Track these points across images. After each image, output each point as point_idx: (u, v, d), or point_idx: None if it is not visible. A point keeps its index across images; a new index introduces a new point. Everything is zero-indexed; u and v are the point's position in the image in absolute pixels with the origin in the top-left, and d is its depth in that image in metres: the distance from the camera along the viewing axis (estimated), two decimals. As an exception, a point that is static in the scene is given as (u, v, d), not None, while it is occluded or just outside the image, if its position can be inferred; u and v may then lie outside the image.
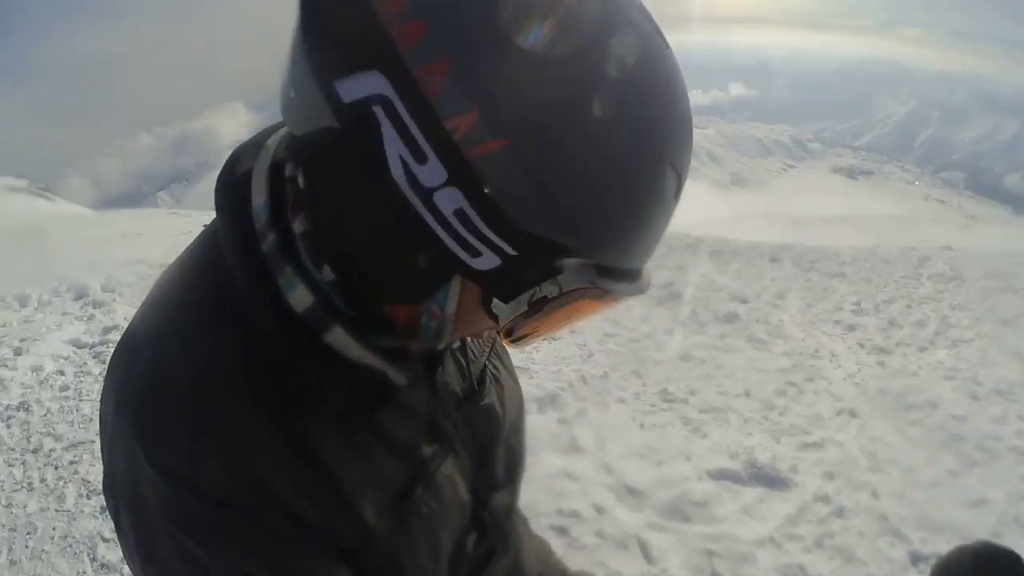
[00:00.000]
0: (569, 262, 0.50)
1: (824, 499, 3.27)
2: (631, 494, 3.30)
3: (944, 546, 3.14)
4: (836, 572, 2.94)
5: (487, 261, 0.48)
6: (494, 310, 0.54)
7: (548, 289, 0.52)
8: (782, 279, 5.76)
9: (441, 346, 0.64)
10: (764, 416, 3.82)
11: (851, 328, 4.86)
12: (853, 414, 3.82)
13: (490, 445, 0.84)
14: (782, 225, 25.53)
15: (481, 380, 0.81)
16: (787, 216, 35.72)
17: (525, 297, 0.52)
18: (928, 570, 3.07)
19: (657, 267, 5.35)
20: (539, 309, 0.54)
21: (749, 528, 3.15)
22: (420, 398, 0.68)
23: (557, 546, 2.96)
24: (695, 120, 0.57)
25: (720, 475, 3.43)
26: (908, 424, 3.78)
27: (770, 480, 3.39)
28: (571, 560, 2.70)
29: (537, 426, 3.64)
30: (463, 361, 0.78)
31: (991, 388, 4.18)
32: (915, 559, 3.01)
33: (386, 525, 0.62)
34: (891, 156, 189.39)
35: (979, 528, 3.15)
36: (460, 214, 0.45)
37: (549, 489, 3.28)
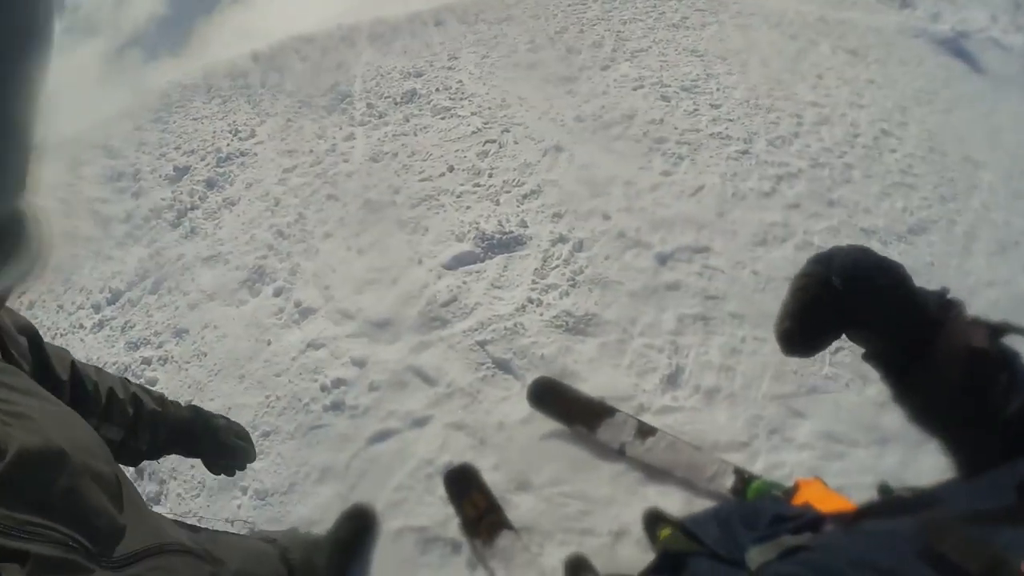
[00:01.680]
0: None
1: (561, 239, 3.32)
2: (382, 329, 3.05)
3: (681, 237, 3.50)
4: (600, 301, 3.05)
5: None
6: None
7: None
8: (450, 40, 5.58)
9: None
10: (475, 184, 3.70)
11: (532, 67, 4.94)
12: (559, 149, 3.90)
13: None
14: None
15: None
16: None
17: None
18: (675, 265, 3.46)
19: (315, 72, 4.70)
20: None
21: (505, 301, 3.09)
22: None
23: (339, 421, 2.59)
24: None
25: (456, 263, 3.29)
26: (612, 141, 4.00)
27: (505, 244, 3.32)
28: (360, 429, 2.53)
29: (258, 312, 3.24)
30: None
31: (678, 87, 4.67)
32: (662, 259, 3.27)
33: None
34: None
35: (704, 212, 3.53)
36: None
37: (304, 371, 2.94)
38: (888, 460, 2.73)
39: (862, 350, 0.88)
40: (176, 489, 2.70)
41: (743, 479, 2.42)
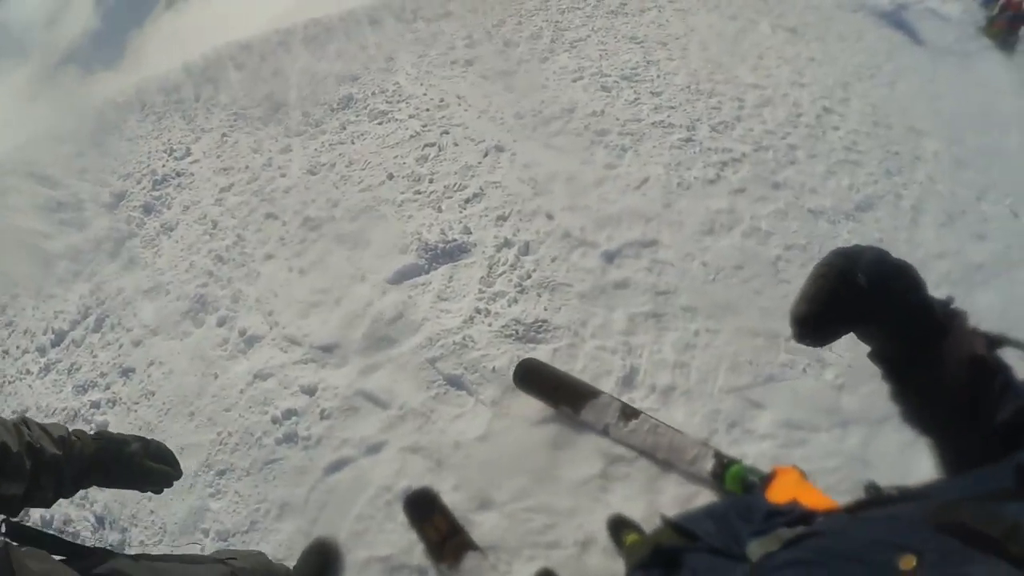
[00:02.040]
0: None
1: (507, 244, 3.24)
2: (329, 353, 2.95)
3: (628, 233, 3.46)
4: (549, 306, 2.98)
5: None
6: None
7: None
8: (387, 40, 5.43)
9: None
10: (416, 192, 3.59)
11: (469, 63, 4.82)
12: (500, 148, 3.81)
13: None
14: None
15: None
16: None
17: None
18: (622, 262, 3.40)
19: (249, 81, 4.50)
20: None
21: (452, 314, 3.00)
22: None
23: (293, 453, 2.52)
24: None
25: (400, 277, 3.19)
26: (553, 136, 3.92)
27: (449, 253, 3.23)
28: (315, 460, 2.49)
29: (203, 344, 3.13)
30: None
31: (618, 76, 4.60)
32: (609, 257, 3.21)
33: None
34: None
35: (650, 204, 3.48)
36: None
37: (253, 403, 2.84)
38: (850, 441, 2.73)
39: (867, 348, 0.90)
40: (139, 536, 2.59)
41: (722, 463, 2.42)
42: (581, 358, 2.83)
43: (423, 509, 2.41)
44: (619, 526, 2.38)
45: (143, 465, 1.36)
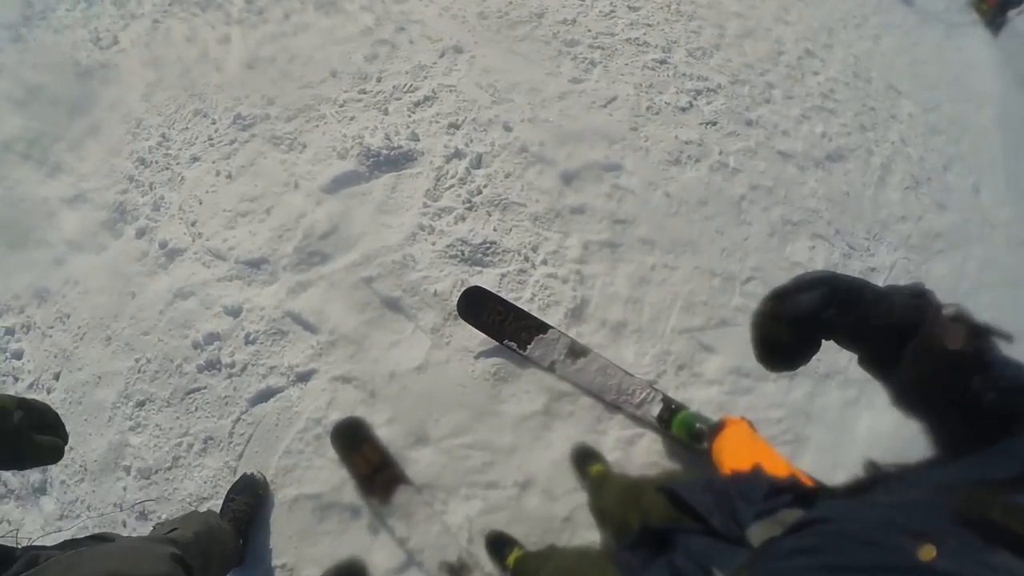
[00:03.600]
0: None
1: (457, 155, 2.92)
2: (256, 269, 2.62)
3: (590, 154, 3.14)
4: (499, 227, 2.73)
5: None
6: None
7: None
8: (341, -81, 4.73)
9: None
10: (361, 91, 3.17)
11: (434, -46, 4.25)
12: (458, 50, 3.39)
13: None
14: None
15: None
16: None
17: None
18: (581, 185, 3.13)
19: None
20: None
21: (393, 229, 2.71)
22: None
23: (217, 382, 2.37)
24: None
25: (337, 185, 2.83)
26: (518, 42, 3.52)
27: (393, 161, 2.89)
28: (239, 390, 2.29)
29: (120, 259, 2.75)
30: None
31: (595, -16, 4.13)
32: (567, 178, 2.94)
33: None
34: None
35: (616, 126, 3.18)
36: None
37: (173, 326, 2.53)
38: (795, 394, 2.68)
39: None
40: (59, 476, 2.34)
41: (670, 408, 2.35)
42: (530, 285, 2.61)
43: (352, 439, 2.23)
44: (584, 456, 2.29)
45: (30, 440, 1.07)
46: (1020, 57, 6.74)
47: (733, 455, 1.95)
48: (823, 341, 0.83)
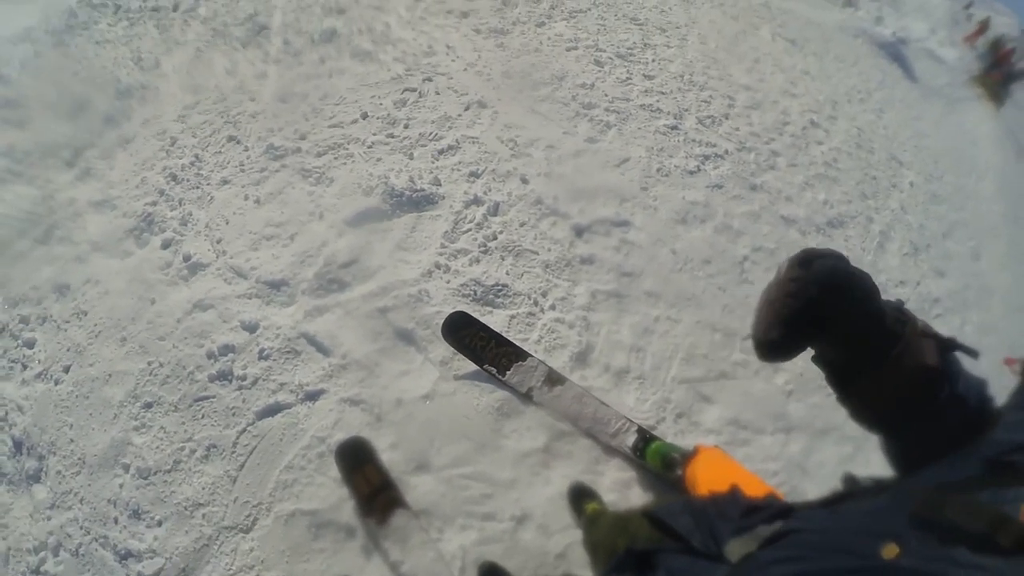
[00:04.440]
0: None
1: (476, 201, 3.05)
2: (276, 290, 2.71)
3: (601, 210, 3.31)
4: (512, 271, 2.81)
5: None
6: None
7: None
8: (382, -21, 5.05)
9: None
10: (389, 135, 3.33)
11: (464, 15, 4.51)
12: (482, 104, 3.58)
13: None
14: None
15: None
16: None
17: None
18: (592, 238, 3.26)
19: (233, 2, 4.09)
20: None
21: (410, 265, 2.80)
22: None
23: (226, 393, 2.27)
24: None
25: (361, 219, 2.95)
26: (539, 102, 3.71)
27: (415, 203, 3.01)
28: (248, 402, 2.30)
29: (144, 266, 2.85)
30: None
31: (613, 53, 4.40)
32: (579, 231, 3.05)
33: None
34: None
35: (627, 185, 3.32)
36: None
37: (189, 335, 2.60)
38: (792, 448, 2.69)
39: (812, 352, 0.86)
40: (56, 466, 2.36)
41: (645, 439, 2.36)
42: (537, 328, 2.68)
43: (355, 459, 2.25)
44: (580, 495, 2.29)
45: None
46: (1021, 128, 6.94)
47: (710, 478, 1.97)
48: (811, 339, 0.81)
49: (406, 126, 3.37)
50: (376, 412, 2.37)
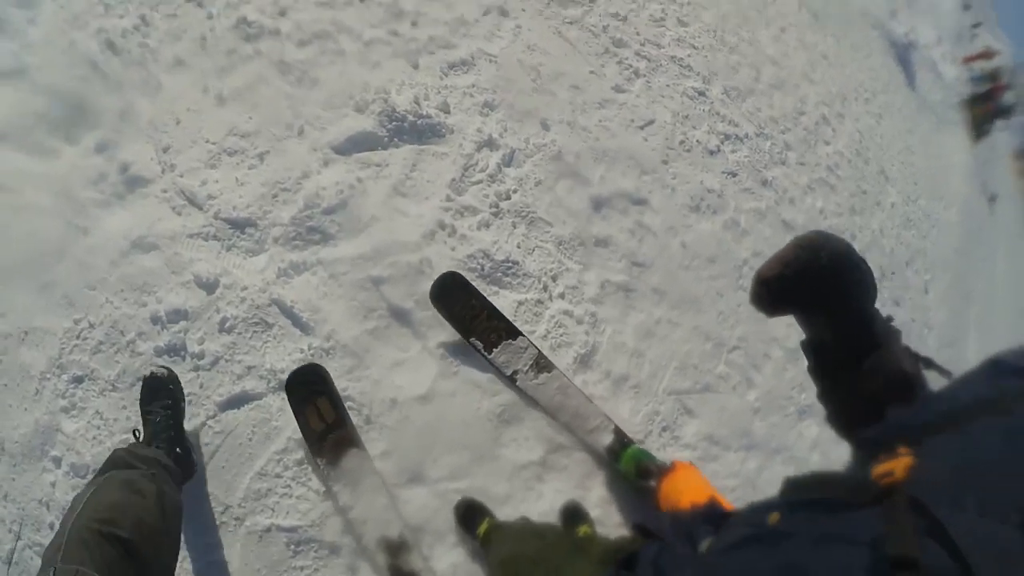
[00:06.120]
0: None
1: (489, 144, 2.53)
2: (241, 231, 2.11)
3: (621, 180, 2.90)
4: (524, 243, 2.43)
5: None
6: None
7: None
8: None
9: None
10: (392, 32, 2.61)
11: None
12: (503, 12, 2.91)
13: None
14: None
15: None
16: None
17: None
18: (609, 214, 2.87)
19: None
20: None
21: (410, 219, 2.30)
22: None
23: (179, 374, 1.91)
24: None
25: (352, 145, 2.34)
26: (568, 24, 3.10)
27: (418, 132, 2.44)
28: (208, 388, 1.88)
29: (73, 175, 2.14)
30: None
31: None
32: (597, 204, 2.66)
33: None
34: None
35: (650, 155, 2.93)
36: None
37: (127, 286, 2.01)
38: (749, 465, 2.69)
39: (802, 336, 0.87)
40: None
41: (621, 441, 2.24)
42: (545, 320, 2.36)
43: (308, 388, 1.89)
44: (573, 515, 2.13)
45: None
46: (989, 167, 7.29)
47: (689, 493, 1.90)
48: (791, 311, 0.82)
49: (413, 23, 2.65)
50: (366, 413, 1.98)
